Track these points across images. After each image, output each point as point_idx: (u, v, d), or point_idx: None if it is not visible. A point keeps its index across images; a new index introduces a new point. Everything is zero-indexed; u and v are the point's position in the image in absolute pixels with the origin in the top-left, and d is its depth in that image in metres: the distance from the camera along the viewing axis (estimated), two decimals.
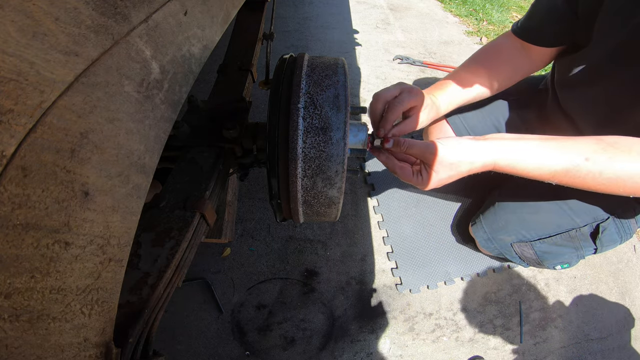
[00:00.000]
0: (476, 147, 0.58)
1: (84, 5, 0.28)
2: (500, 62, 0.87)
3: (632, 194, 0.60)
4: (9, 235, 0.22)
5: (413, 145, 0.58)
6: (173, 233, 0.49)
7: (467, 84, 0.83)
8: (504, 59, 0.87)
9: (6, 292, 0.22)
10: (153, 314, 0.42)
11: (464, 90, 0.83)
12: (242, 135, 0.66)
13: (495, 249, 0.98)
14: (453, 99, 0.82)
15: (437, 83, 0.84)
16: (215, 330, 0.92)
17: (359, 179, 1.27)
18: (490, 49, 0.89)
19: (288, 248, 1.08)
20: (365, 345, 0.93)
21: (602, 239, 0.85)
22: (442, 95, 0.80)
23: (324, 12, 2.20)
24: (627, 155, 0.56)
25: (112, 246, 0.32)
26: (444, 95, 0.80)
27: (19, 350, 0.23)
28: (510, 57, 0.87)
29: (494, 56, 0.87)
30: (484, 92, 0.86)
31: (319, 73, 0.51)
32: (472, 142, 0.59)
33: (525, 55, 0.87)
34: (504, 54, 0.87)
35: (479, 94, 0.86)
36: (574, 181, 0.59)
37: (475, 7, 2.56)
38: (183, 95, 0.47)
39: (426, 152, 0.57)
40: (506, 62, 0.87)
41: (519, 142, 0.59)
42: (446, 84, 0.82)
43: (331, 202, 0.53)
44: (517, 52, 0.87)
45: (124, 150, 0.34)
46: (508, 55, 0.87)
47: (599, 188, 0.60)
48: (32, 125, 0.23)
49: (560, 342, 0.99)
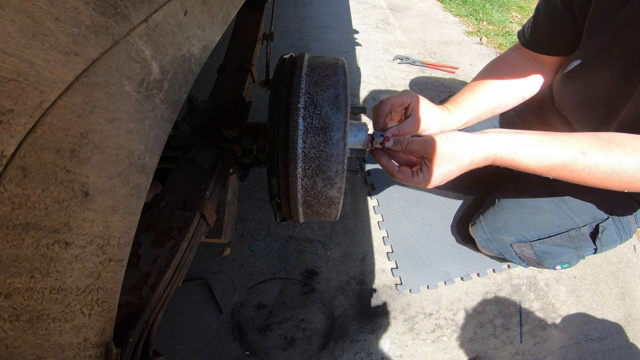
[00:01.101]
0: (476, 139, 0.59)
1: (84, 5, 0.28)
2: (513, 75, 0.86)
3: (628, 189, 0.60)
4: (9, 235, 0.22)
5: (413, 142, 0.58)
6: (173, 233, 0.49)
7: (485, 102, 0.82)
8: (518, 72, 0.86)
9: (6, 292, 0.22)
10: (153, 314, 0.42)
11: (481, 107, 0.82)
12: (242, 135, 0.66)
13: (495, 250, 0.98)
14: (471, 115, 0.81)
15: (454, 99, 0.83)
16: (215, 330, 0.92)
17: (359, 179, 1.27)
18: (503, 63, 0.88)
19: (288, 248, 1.08)
20: (365, 345, 0.93)
21: (601, 239, 0.85)
22: (458, 111, 0.79)
23: (324, 12, 2.20)
24: (622, 150, 0.57)
25: (112, 246, 0.32)
26: (460, 110, 0.79)
27: (19, 350, 0.23)
28: (524, 69, 0.86)
29: (508, 71, 0.86)
30: (501, 107, 0.86)
31: (319, 73, 0.51)
32: (472, 135, 0.60)
33: (537, 65, 0.87)
34: (518, 68, 0.87)
35: (497, 109, 0.85)
36: (571, 175, 0.60)
37: (475, 7, 2.56)
38: (183, 95, 0.47)
39: (426, 147, 0.57)
40: (519, 75, 0.86)
41: (519, 135, 0.60)
42: (462, 100, 0.81)
43: (331, 202, 0.53)
44: (529, 63, 0.87)
45: (124, 150, 0.34)
46: (521, 69, 0.86)
47: (594, 182, 0.60)
48: (32, 125, 0.23)
49: (560, 342, 0.99)
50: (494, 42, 2.15)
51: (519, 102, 0.88)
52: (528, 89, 0.87)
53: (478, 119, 0.83)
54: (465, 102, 0.80)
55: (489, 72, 0.87)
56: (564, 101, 0.88)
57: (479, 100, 0.81)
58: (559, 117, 0.92)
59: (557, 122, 0.94)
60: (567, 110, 0.89)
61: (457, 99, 0.82)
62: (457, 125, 0.78)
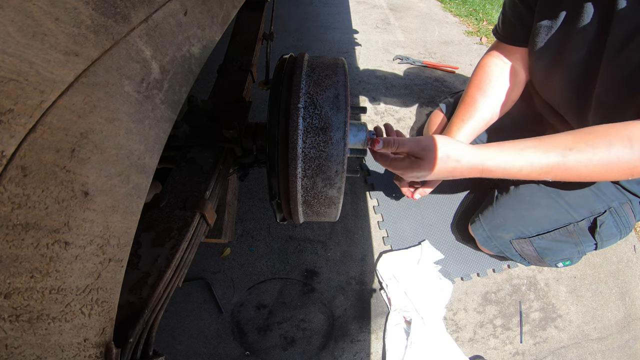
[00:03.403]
0: (463, 148, 0.62)
1: (84, 5, 0.28)
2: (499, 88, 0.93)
3: (631, 177, 0.62)
4: (9, 235, 0.22)
5: (404, 143, 0.61)
6: (173, 233, 0.49)
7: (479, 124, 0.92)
8: (502, 83, 0.93)
9: (6, 292, 0.22)
10: (153, 314, 0.42)
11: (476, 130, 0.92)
12: (242, 135, 0.66)
13: (495, 247, 0.98)
14: (467, 140, 0.91)
15: (449, 130, 0.93)
16: (215, 330, 0.92)
17: (359, 179, 1.27)
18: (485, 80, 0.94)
19: (288, 248, 1.08)
20: (365, 345, 0.93)
21: (601, 233, 0.86)
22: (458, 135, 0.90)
23: (324, 12, 2.20)
24: (607, 140, 0.58)
25: (112, 246, 0.32)
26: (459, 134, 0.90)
27: (18, 350, 0.23)
28: (506, 78, 0.93)
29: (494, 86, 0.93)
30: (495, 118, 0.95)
31: (319, 73, 0.51)
32: (460, 143, 0.63)
33: (518, 64, 0.92)
34: (501, 79, 0.93)
35: (490, 121, 0.94)
36: (567, 173, 0.61)
37: (475, 7, 2.56)
38: (183, 95, 0.47)
39: (416, 146, 0.61)
40: (504, 85, 0.93)
41: (504, 145, 0.63)
42: (457, 131, 0.91)
43: (331, 202, 0.53)
44: (510, 68, 0.93)
45: (124, 150, 0.34)
46: (504, 79, 0.93)
47: (593, 176, 0.62)
48: (32, 125, 0.23)
49: (560, 342, 0.99)
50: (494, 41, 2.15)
51: (510, 107, 0.95)
52: (514, 92, 0.93)
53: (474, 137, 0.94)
54: (461, 130, 0.91)
55: (475, 92, 0.94)
56: (542, 89, 0.93)
57: (474, 125, 0.91)
58: (549, 109, 0.95)
59: (548, 114, 0.96)
60: (548, 98, 0.93)
61: (453, 129, 0.92)
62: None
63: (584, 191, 0.87)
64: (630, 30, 0.62)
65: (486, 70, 0.93)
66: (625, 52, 0.64)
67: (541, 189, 0.91)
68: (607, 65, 0.69)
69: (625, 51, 0.64)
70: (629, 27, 0.62)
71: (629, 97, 0.66)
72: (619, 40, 0.65)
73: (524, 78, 0.94)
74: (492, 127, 0.97)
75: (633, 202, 0.86)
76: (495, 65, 0.93)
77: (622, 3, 0.62)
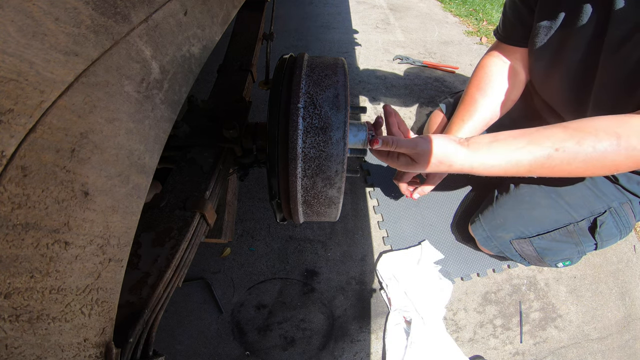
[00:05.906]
0: (456, 154, 0.63)
1: (84, 5, 0.28)
2: (499, 88, 0.93)
3: (615, 172, 0.62)
4: (9, 235, 0.22)
5: (401, 145, 0.61)
6: (173, 233, 0.49)
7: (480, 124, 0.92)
8: (501, 84, 0.93)
9: (6, 292, 0.22)
10: (153, 314, 0.42)
11: (477, 129, 0.92)
12: (242, 135, 0.66)
13: (495, 247, 0.98)
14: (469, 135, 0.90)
15: (450, 129, 0.93)
16: (215, 330, 0.92)
17: (359, 179, 1.27)
18: (485, 81, 0.94)
19: (288, 248, 1.08)
20: (365, 345, 0.93)
21: (601, 234, 0.86)
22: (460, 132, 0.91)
23: (324, 12, 2.20)
24: (594, 137, 0.58)
25: (112, 246, 0.32)
26: (458, 134, 0.90)
27: (18, 350, 0.23)
28: (506, 78, 0.93)
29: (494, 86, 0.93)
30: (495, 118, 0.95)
31: (319, 73, 0.51)
32: (455, 146, 0.63)
33: (517, 64, 0.93)
34: (501, 79, 0.93)
35: (490, 121, 0.94)
36: (552, 171, 0.62)
37: (475, 7, 2.56)
38: (183, 95, 0.47)
39: (412, 149, 0.62)
40: (504, 86, 0.93)
41: (494, 146, 0.63)
42: (457, 130, 0.91)
43: (331, 202, 0.53)
44: (510, 68, 0.93)
45: (124, 150, 0.34)
46: (503, 79, 0.93)
47: (578, 172, 0.62)
48: (32, 125, 0.23)
49: (560, 342, 0.99)
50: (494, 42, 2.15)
51: (509, 108, 0.95)
52: (514, 92, 0.93)
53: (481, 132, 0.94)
54: (461, 130, 0.91)
55: (475, 92, 0.94)
56: (542, 89, 0.93)
57: (474, 125, 0.92)
58: (548, 109, 0.95)
59: (547, 114, 0.97)
60: (548, 98, 0.93)
61: (453, 129, 0.92)
62: None
63: (584, 191, 0.87)
64: (628, 29, 0.63)
65: (486, 70, 0.93)
66: (622, 51, 0.65)
67: (541, 189, 0.92)
68: (604, 64, 0.69)
69: (623, 50, 0.64)
70: (627, 26, 0.63)
71: (627, 95, 0.67)
72: (616, 39, 0.65)
73: (524, 78, 0.94)
74: (492, 127, 0.97)
75: (633, 202, 0.86)
76: (495, 65, 0.93)
77: (620, 3, 0.63)
